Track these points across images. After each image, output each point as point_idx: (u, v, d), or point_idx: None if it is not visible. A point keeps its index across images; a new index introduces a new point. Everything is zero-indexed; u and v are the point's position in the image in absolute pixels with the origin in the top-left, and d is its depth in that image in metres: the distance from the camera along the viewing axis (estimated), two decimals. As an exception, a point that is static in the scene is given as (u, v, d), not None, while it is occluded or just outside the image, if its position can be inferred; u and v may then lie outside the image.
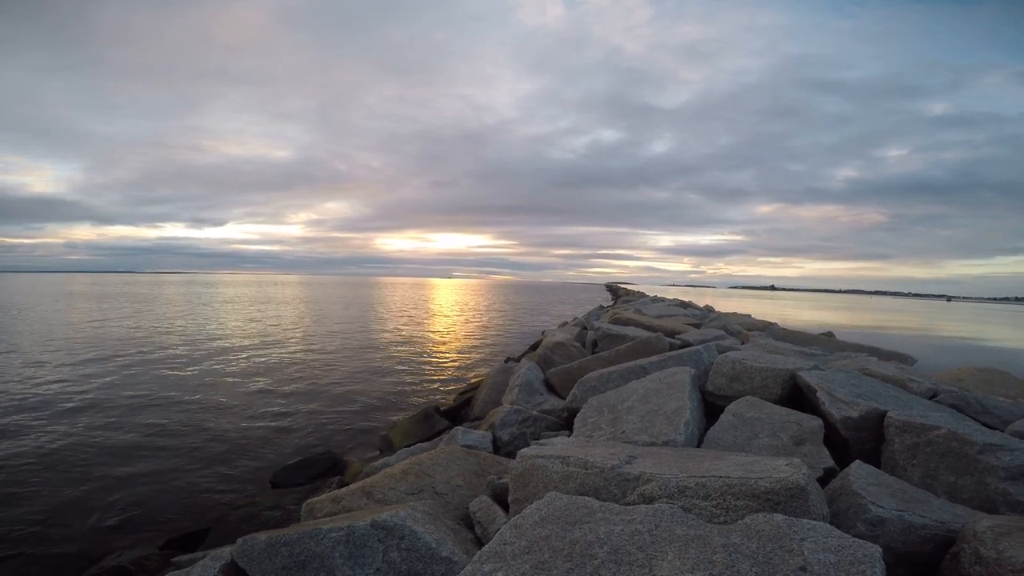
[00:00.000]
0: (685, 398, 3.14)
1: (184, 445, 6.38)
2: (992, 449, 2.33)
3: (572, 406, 4.36)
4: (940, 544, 1.80)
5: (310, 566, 2.01)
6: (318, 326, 21.30)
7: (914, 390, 3.63)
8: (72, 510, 4.67)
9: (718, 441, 2.86)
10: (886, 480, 2.19)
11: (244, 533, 2.25)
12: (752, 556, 1.38)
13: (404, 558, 2.00)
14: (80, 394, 8.75)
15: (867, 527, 1.85)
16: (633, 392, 3.55)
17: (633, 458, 2.14)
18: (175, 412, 7.82)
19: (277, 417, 7.75)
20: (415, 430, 5.99)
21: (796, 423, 2.95)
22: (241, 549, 2.11)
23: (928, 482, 2.44)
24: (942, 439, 2.45)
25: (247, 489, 5.12)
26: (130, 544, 4.06)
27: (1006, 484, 2.24)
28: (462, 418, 6.55)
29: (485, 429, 4.35)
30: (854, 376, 3.58)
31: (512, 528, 1.69)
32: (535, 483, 2.17)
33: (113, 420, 7.33)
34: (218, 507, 4.71)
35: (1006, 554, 1.54)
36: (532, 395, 5.46)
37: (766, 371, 3.66)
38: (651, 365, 4.41)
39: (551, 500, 1.83)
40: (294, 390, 9.55)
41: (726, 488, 1.74)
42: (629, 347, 5.88)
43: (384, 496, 2.72)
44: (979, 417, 3.35)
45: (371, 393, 9.51)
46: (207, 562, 2.20)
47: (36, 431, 6.75)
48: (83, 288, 55.08)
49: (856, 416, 2.89)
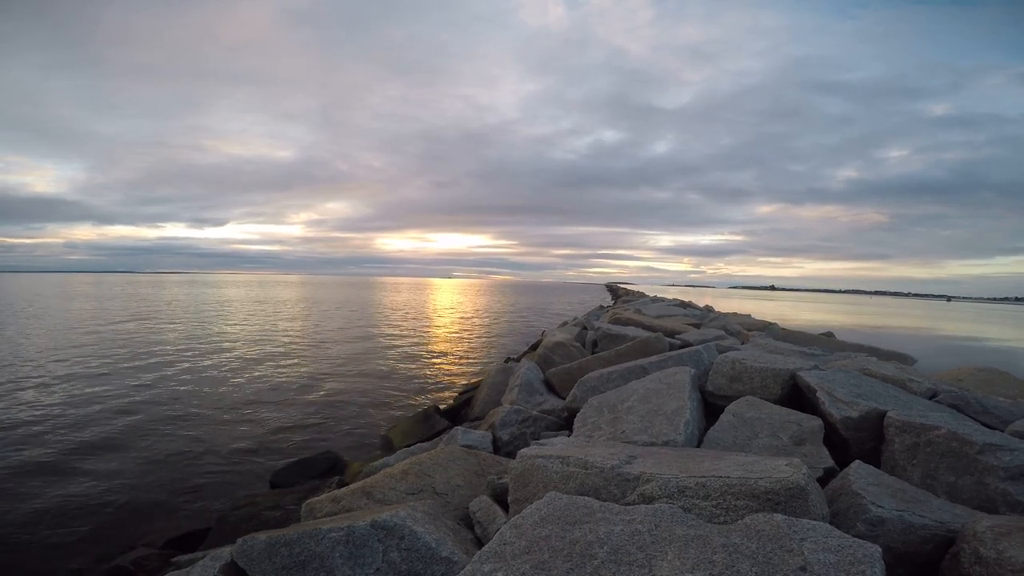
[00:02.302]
0: (685, 398, 3.14)
1: (184, 445, 6.39)
2: (992, 449, 2.33)
3: (572, 406, 4.36)
4: (940, 544, 1.80)
5: (310, 566, 2.01)
6: (318, 326, 21.30)
7: (914, 390, 3.62)
8: (72, 510, 4.67)
9: (718, 441, 2.86)
10: (886, 480, 2.19)
11: (244, 533, 2.25)
12: (752, 556, 1.38)
13: (404, 558, 2.00)
14: (80, 394, 8.75)
15: (867, 527, 1.85)
16: (633, 392, 3.54)
17: (633, 458, 2.14)
18: (175, 412, 7.82)
19: (277, 417, 7.75)
20: (415, 430, 5.99)
21: (796, 423, 2.95)
22: (241, 549, 2.11)
23: (928, 482, 2.44)
24: (942, 439, 2.45)
25: (247, 489, 5.12)
26: (130, 544, 4.07)
27: (1006, 484, 2.24)
28: (462, 418, 6.55)
29: (485, 429, 4.35)
30: (854, 376, 3.58)
31: (512, 528, 1.68)
32: (535, 483, 2.17)
33: (113, 420, 7.33)
34: (218, 507, 4.72)
35: (1006, 554, 1.54)
36: (532, 395, 5.46)
37: (766, 371, 3.66)
38: (651, 365, 4.41)
39: (551, 500, 1.83)
40: (294, 390, 9.55)
41: (726, 488, 1.74)
42: (629, 347, 5.88)
43: (384, 496, 2.72)
44: (979, 417, 3.34)
45: (371, 393, 9.51)
46: (207, 562, 2.20)
47: (36, 431, 6.75)
48: (85, 289, 55.09)
49: (856, 416, 2.89)
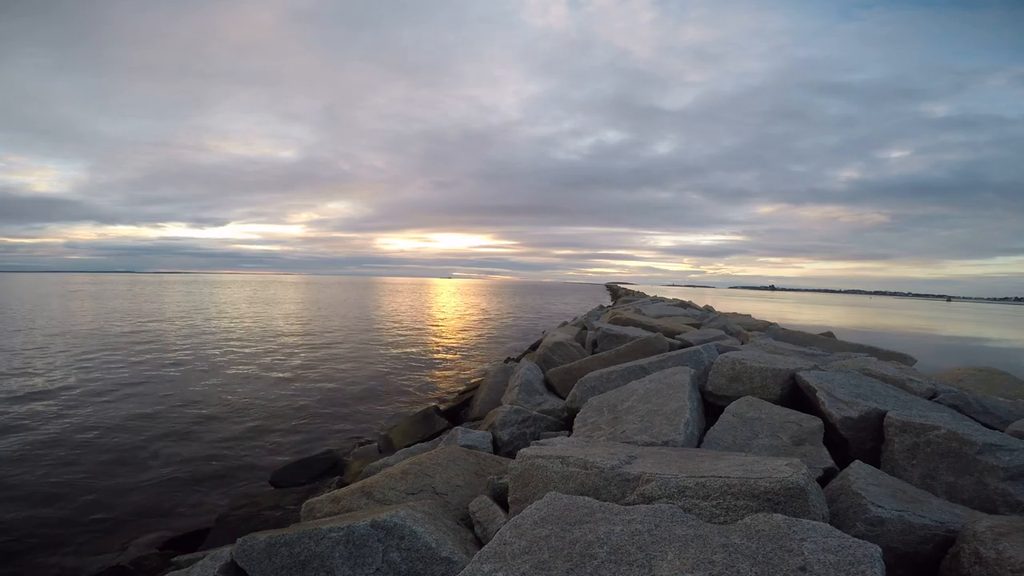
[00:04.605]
0: (685, 398, 3.14)
1: (184, 445, 6.39)
2: (992, 449, 2.33)
3: (572, 406, 4.36)
4: (940, 544, 1.80)
5: (310, 566, 2.01)
6: (317, 326, 21.30)
7: (914, 390, 3.62)
8: (71, 510, 4.67)
9: (718, 441, 2.86)
10: (886, 480, 2.19)
11: (244, 533, 2.25)
12: (752, 556, 1.38)
13: (404, 558, 2.00)
14: (80, 393, 8.75)
15: (867, 527, 1.85)
16: (633, 392, 3.54)
17: (633, 458, 2.14)
18: (175, 411, 7.82)
19: (277, 417, 7.75)
20: (415, 430, 5.99)
21: (796, 423, 2.95)
22: (241, 549, 2.11)
23: (928, 482, 2.44)
24: (942, 439, 2.46)
25: (247, 489, 5.12)
26: (130, 544, 4.07)
27: (1006, 484, 2.24)
28: (462, 418, 6.55)
29: (485, 429, 4.35)
30: (854, 376, 3.58)
31: (512, 528, 1.68)
32: (535, 483, 2.17)
33: (112, 420, 7.33)
34: (218, 507, 4.72)
35: (1006, 554, 1.54)
36: (532, 395, 5.46)
37: (766, 371, 3.66)
38: (651, 365, 4.41)
39: (551, 500, 1.83)
40: (294, 390, 9.55)
41: (726, 488, 1.74)
42: (629, 347, 5.88)
43: (384, 496, 2.72)
44: (979, 417, 3.34)
45: (371, 393, 9.52)
46: (207, 562, 2.20)
47: (36, 430, 6.75)
48: (86, 289, 55.02)
49: (856, 416, 2.89)
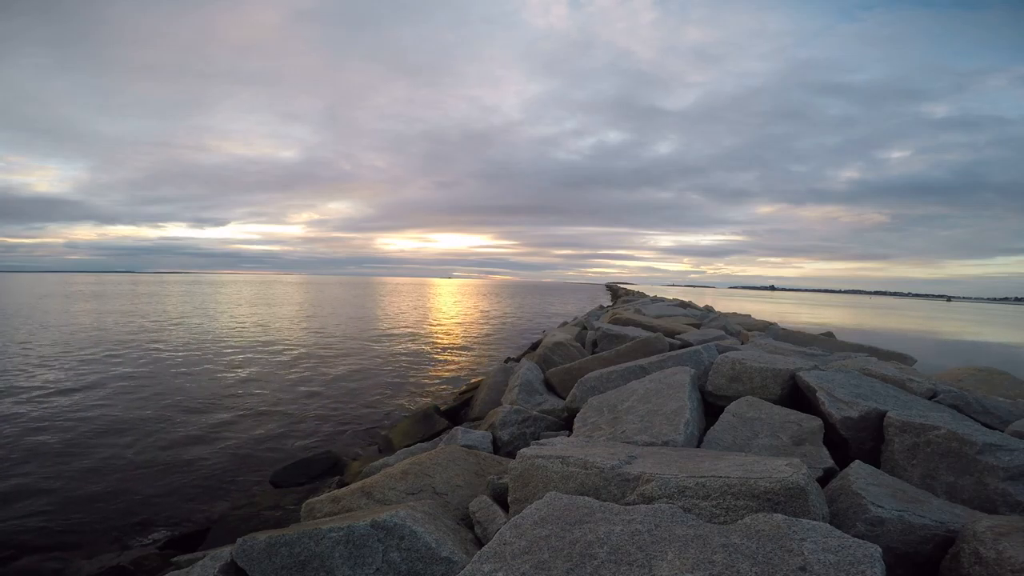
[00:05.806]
0: (685, 398, 3.14)
1: (184, 445, 6.38)
2: (992, 449, 2.33)
3: (572, 406, 4.36)
4: (940, 544, 1.81)
5: (310, 566, 2.01)
6: (317, 326, 21.30)
7: (914, 390, 3.62)
8: (71, 509, 4.67)
9: (718, 441, 2.86)
10: (886, 480, 2.19)
11: (244, 533, 2.25)
12: (752, 556, 1.38)
13: (404, 558, 2.00)
14: (79, 394, 8.75)
15: (867, 527, 1.85)
16: (633, 392, 3.55)
17: (633, 458, 2.14)
18: (175, 412, 7.81)
19: (277, 417, 7.75)
20: (415, 430, 5.99)
21: (796, 423, 2.95)
22: (241, 549, 2.12)
23: (928, 482, 2.44)
24: (942, 439, 2.46)
25: (247, 489, 5.11)
26: (130, 544, 4.06)
27: (1006, 484, 2.24)
28: (462, 418, 6.55)
29: (485, 429, 4.35)
30: (854, 376, 3.58)
31: (512, 528, 1.68)
32: (535, 483, 2.17)
33: (112, 420, 7.33)
34: (218, 507, 4.71)
35: (1006, 554, 1.54)
36: (532, 395, 5.47)
37: (766, 371, 3.66)
38: (651, 365, 4.41)
39: (551, 500, 1.83)
40: (294, 390, 9.55)
41: (726, 488, 1.74)
42: (629, 347, 5.88)
43: (384, 496, 2.72)
44: (979, 417, 3.35)
45: (371, 393, 9.51)
46: (207, 562, 2.20)
47: (36, 431, 6.75)
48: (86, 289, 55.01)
49: (856, 416, 2.89)
